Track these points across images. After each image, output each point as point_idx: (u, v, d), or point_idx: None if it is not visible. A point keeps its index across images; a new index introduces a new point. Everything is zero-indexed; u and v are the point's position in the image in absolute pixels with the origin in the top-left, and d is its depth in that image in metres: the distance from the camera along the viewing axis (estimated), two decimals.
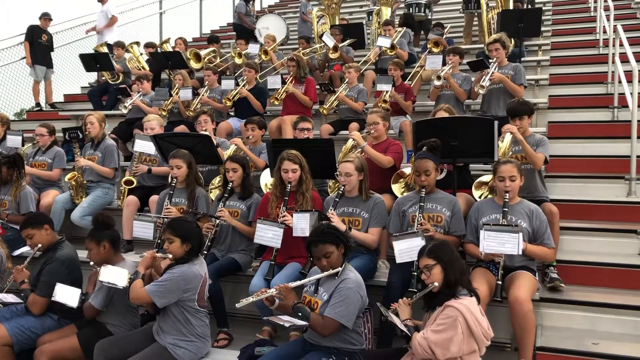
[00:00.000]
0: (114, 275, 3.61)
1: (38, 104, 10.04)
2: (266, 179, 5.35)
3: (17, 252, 5.03)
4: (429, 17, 10.15)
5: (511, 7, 8.86)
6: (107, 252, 3.91)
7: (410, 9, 10.00)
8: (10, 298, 4.12)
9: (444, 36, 9.21)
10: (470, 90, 6.36)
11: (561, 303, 4.07)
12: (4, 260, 4.35)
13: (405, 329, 3.12)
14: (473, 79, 6.42)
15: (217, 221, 4.48)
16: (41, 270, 4.04)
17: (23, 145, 6.43)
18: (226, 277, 4.45)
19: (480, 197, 4.57)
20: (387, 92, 6.50)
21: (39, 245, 4.11)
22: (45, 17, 9.80)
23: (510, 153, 4.57)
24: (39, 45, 9.72)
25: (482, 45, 8.63)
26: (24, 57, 9.91)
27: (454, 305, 3.03)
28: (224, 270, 4.37)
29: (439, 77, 6.32)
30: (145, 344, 3.61)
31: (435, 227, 3.94)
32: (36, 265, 4.14)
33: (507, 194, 3.81)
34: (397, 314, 3.25)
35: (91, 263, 3.96)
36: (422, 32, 10.19)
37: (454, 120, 4.73)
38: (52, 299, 3.82)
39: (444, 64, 6.81)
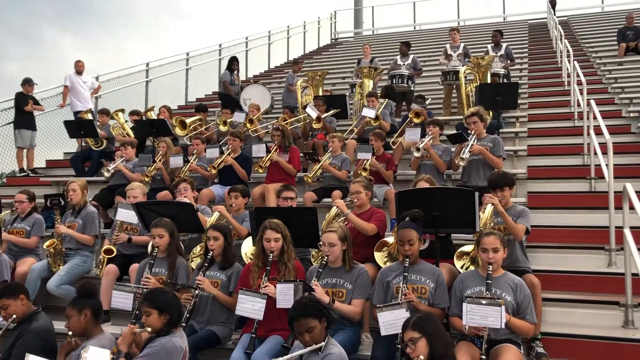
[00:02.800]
0: (97, 357, 3.47)
1: (23, 169, 9.98)
2: (247, 248, 5.31)
3: None
4: (412, 89, 10.46)
5: (489, 81, 9.19)
6: (87, 322, 3.79)
7: (394, 80, 10.33)
8: None
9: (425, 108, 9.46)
10: (450, 162, 6.48)
11: None
12: None
13: None
14: (453, 149, 6.56)
15: (197, 292, 4.39)
16: (14, 342, 3.90)
17: (1, 211, 6.34)
18: (205, 350, 4.31)
19: (462, 267, 4.58)
20: (367, 160, 6.60)
21: (14, 317, 3.97)
22: (28, 83, 9.92)
23: (492, 224, 4.62)
24: (24, 111, 9.78)
25: (461, 117, 8.87)
26: (8, 123, 10.00)
27: None
28: (202, 343, 4.25)
29: (417, 149, 6.44)
30: None
31: (420, 299, 3.92)
32: (9, 337, 3.99)
33: (491, 266, 3.82)
34: None
35: (69, 333, 3.82)
36: (404, 103, 10.47)
37: (435, 191, 4.79)
38: None
39: (424, 135, 6.96)
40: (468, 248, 4.68)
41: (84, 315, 3.78)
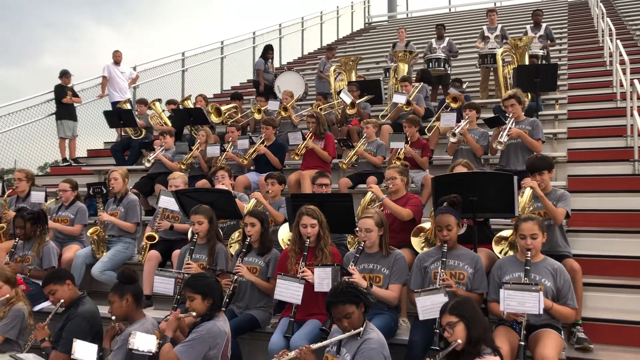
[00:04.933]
0: (144, 342, 3.60)
1: (65, 159, 10.29)
2: (283, 234, 5.36)
3: (37, 308, 5.05)
4: (448, 72, 10.32)
5: (527, 63, 8.99)
6: (129, 307, 3.92)
7: (430, 64, 10.21)
8: (30, 357, 4.11)
9: (462, 92, 9.33)
10: (487, 146, 6.38)
11: None
12: (26, 317, 4.38)
13: None
14: (490, 133, 6.47)
15: (236, 277, 4.48)
16: (63, 326, 4.06)
17: (46, 200, 6.56)
18: (244, 334, 4.41)
19: (500, 252, 4.54)
20: (401, 149, 6.54)
21: (62, 301, 4.13)
22: (65, 75, 10.18)
23: (531, 209, 4.55)
24: (64, 103, 10.04)
25: (498, 100, 8.72)
26: (51, 114, 10.31)
27: None
28: (242, 327, 4.34)
29: (454, 134, 6.36)
30: None
31: (458, 284, 3.90)
32: (58, 321, 4.16)
33: (529, 252, 3.77)
34: None
35: (112, 318, 3.97)
36: (441, 87, 10.35)
37: (473, 175, 4.74)
38: (72, 356, 3.81)
39: (460, 119, 6.88)
40: (507, 233, 4.63)
41: (126, 300, 3.90)
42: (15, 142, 10.08)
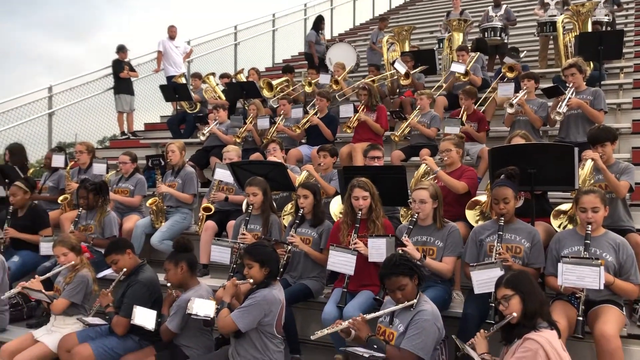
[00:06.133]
0: (202, 307, 3.72)
1: (123, 132, 10.62)
2: (335, 206, 5.38)
3: (100, 275, 5.27)
4: (505, 41, 9.98)
5: (589, 30, 8.58)
6: (184, 274, 4.06)
7: (486, 32, 9.91)
8: (96, 320, 4.34)
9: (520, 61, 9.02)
10: (546, 117, 6.18)
11: None
12: (91, 283, 4.58)
13: None
14: (550, 104, 6.24)
15: (289, 247, 4.54)
16: (124, 292, 4.24)
17: (107, 172, 6.80)
18: (297, 303, 4.49)
19: (559, 226, 4.41)
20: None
21: (124, 270, 4.30)
22: (122, 50, 10.42)
23: (592, 182, 4.39)
24: (121, 78, 10.31)
25: (558, 69, 8.39)
26: (109, 89, 10.60)
27: (534, 338, 2.93)
28: (296, 296, 4.41)
29: (511, 105, 6.17)
30: None
31: (514, 259, 3.82)
32: (120, 287, 4.34)
33: (590, 226, 3.65)
34: (473, 348, 3.16)
35: (168, 284, 4.12)
36: (497, 57, 10.04)
37: (532, 147, 4.61)
38: (131, 321, 3.98)
39: (518, 89, 6.66)
40: (566, 207, 4.49)
41: (180, 268, 4.04)
42: (75, 117, 10.45)
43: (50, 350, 4.25)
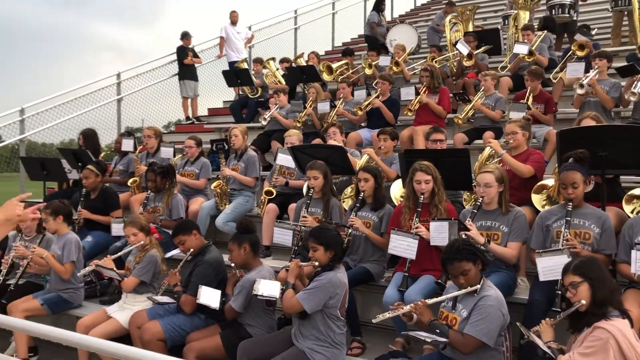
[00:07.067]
0: (268, 288, 3.80)
1: (188, 117, 10.91)
2: (396, 190, 5.35)
3: (168, 255, 5.46)
4: (574, 19, 9.54)
5: None
6: (247, 255, 4.16)
7: (553, 10, 9.49)
8: (164, 298, 4.52)
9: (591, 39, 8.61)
10: (619, 98, 5.89)
11: None
12: (159, 263, 4.77)
13: (549, 351, 2.96)
14: (623, 84, 5.94)
15: (350, 230, 4.56)
16: (191, 272, 4.39)
17: (174, 156, 7.02)
18: (358, 286, 4.51)
19: (632, 211, 4.23)
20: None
21: (191, 250, 4.45)
22: (186, 37, 10.64)
23: None
24: (185, 64, 10.56)
25: (633, 47, 7.95)
26: (174, 75, 10.88)
27: (604, 327, 2.82)
28: (357, 279, 4.43)
29: (581, 85, 5.91)
30: (283, 346, 3.77)
31: (583, 245, 3.69)
32: (187, 267, 4.50)
33: None
34: (538, 336, 3.09)
35: (232, 265, 4.23)
36: (566, 35, 9.62)
37: (604, 129, 4.41)
38: (197, 301, 4.12)
39: (588, 69, 6.37)
40: (639, 191, 4.29)
41: (244, 249, 4.14)
42: (142, 102, 10.82)
43: (122, 326, 4.47)
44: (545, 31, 8.38)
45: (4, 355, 2.45)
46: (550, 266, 3.47)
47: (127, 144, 7.15)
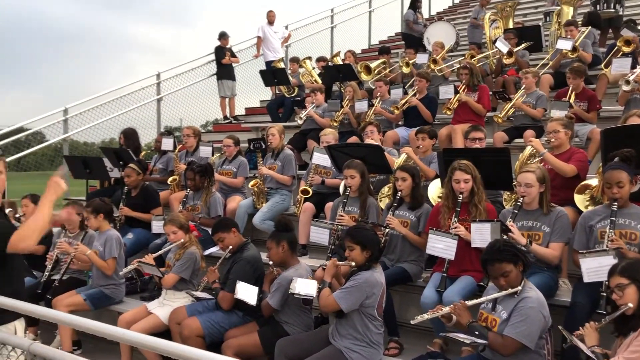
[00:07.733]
0: (305, 286, 3.82)
1: (226, 117, 11.03)
2: (434, 190, 5.29)
3: (207, 252, 5.55)
4: (620, 14, 9.26)
5: None
6: (285, 253, 4.18)
7: (598, 5, 9.23)
8: (203, 295, 4.59)
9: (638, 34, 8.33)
10: None
11: None
12: (198, 260, 4.85)
13: (593, 356, 2.88)
14: None
15: (387, 230, 4.53)
16: (230, 269, 4.44)
17: (212, 155, 7.11)
18: (395, 286, 4.48)
19: None
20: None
21: (230, 247, 4.50)
22: (223, 37, 10.75)
23: None
24: (223, 64, 10.67)
25: None
26: (212, 75, 11.01)
27: None
28: (394, 279, 4.40)
29: (627, 82, 5.73)
30: (320, 345, 3.78)
31: (629, 246, 3.58)
32: (226, 264, 4.55)
33: None
34: (582, 340, 3.01)
35: (270, 263, 4.26)
36: (611, 31, 9.34)
37: None
38: (234, 296, 4.16)
39: (635, 65, 6.17)
40: None
41: (282, 247, 4.16)
42: (180, 102, 10.97)
43: (162, 322, 4.55)
44: (589, 27, 8.16)
45: (50, 347, 2.51)
46: (595, 267, 3.38)
47: (167, 143, 7.28)
